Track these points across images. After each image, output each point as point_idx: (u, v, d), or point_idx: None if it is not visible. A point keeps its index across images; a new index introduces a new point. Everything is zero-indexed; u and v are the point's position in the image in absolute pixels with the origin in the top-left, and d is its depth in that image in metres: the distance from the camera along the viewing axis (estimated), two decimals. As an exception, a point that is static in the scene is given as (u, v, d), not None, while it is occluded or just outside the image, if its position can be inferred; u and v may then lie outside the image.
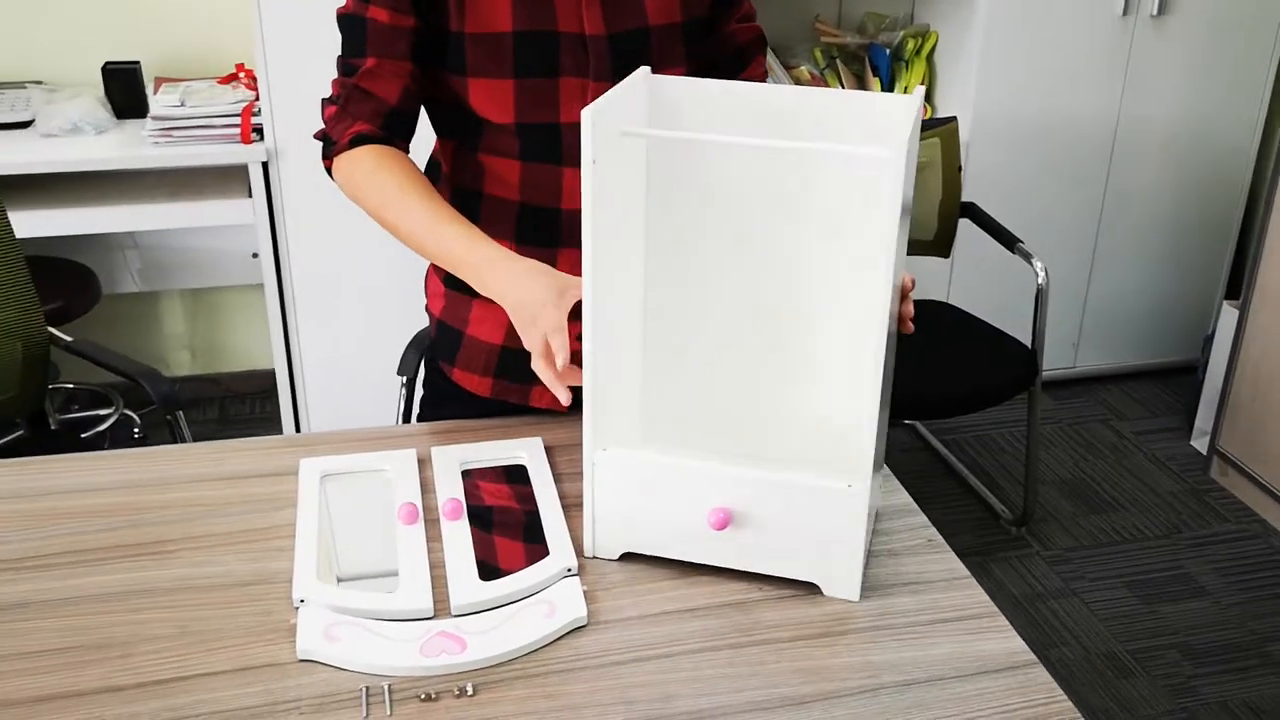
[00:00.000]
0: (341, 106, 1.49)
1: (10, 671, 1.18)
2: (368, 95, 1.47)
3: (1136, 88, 3.51)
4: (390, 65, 1.46)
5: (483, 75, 1.47)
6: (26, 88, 3.20)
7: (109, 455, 1.55)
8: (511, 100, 1.47)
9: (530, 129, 1.49)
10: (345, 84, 1.49)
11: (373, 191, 1.47)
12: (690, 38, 1.55)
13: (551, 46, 1.46)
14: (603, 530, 1.38)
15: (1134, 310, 3.83)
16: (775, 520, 1.31)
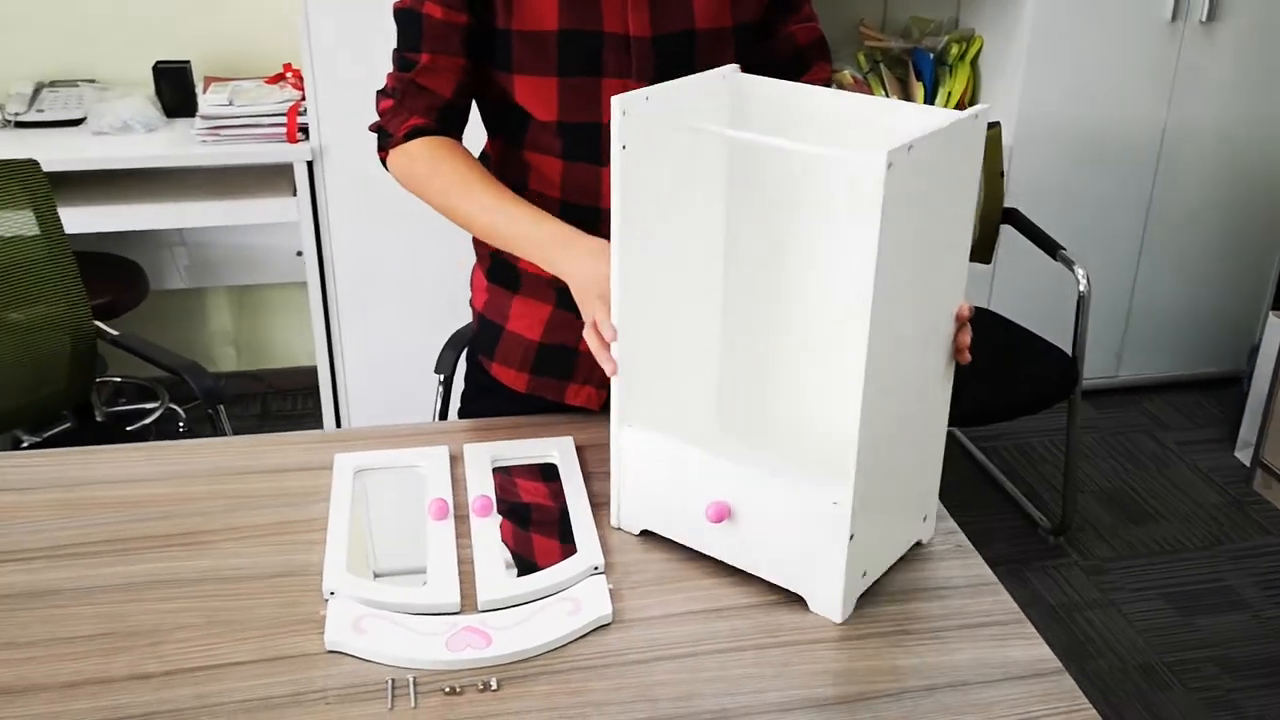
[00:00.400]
0: (398, 101, 1.52)
1: (44, 656, 1.20)
2: (423, 90, 1.51)
3: (1184, 94, 3.48)
4: (444, 60, 1.49)
5: (527, 72, 1.48)
6: (79, 86, 3.26)
7: (147, 447, 1.57)
8: (555, 98, 1.49)
9: (572, 127, 1.51)
10: (401, 79, 1.52)
11: (434, 181, 1.51)
12: (739, 43, 1.55)
13: (595, 46, 1.47)
14: (626, 503, 1.42)
15: (1178, 319, 3.80)
16: (767, 524, 1.31)
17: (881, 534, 1.32)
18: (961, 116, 1.21)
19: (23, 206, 2.20)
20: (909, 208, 1.16)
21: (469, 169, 1.50)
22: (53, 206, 2.22)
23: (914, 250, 1.20)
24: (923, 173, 1.17)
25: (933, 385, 1.32)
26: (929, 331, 1.28)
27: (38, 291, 2.24)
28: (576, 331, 1.62)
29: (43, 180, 2.20)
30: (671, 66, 1.48)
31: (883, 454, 1.26)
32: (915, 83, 3.55)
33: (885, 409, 1.23)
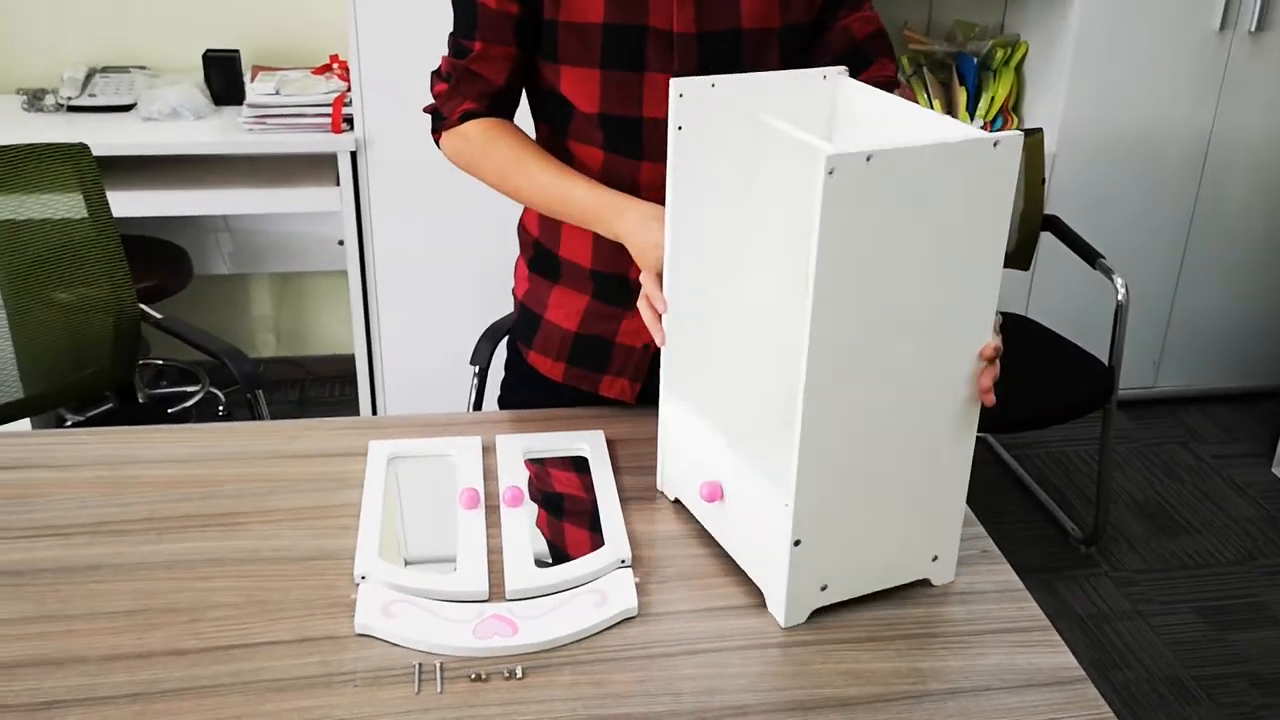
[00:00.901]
0: (452, 86, 1.57)
1: (83, 630, 1.23)
2: (477, 77, 1.55)
3: (1231, 104, 3.45)
4: (497, 49, 1.53)
5: (571, 63, 1.51)
6: (130, 72, 3.30)
7: (188, 429, 1.60)
8: (598, 90, 1.51)
9: (613, 120, 1.53)
10: (456, 65, 1.56)
11: (489, 160, 1.56)
12: (788, 44, 1.55)
13: (639, 41, 1.49)
14: (667, 469, 1.49)
15: (1219, 331, 3.77)
16: (745, 513, 1.32)
17: (853, 554, 1.29)
18: (971, 138, 1.15)
19: (72, 189, 2.23)
20: (871, 219, 1.12)
21: (522, 146, 1.55)
22: (101, 190, 2.25)
23: (890, 265, 1.15)
24: (897, 187, 1.12)
25: (941, 416, 1.27)
26: (926, 360, 1.22)
27: (84, 273, 2.27)
28: (612, 324, 1.65)
29: (92, 164, 2.24)
30: (715, 64, 1.49)
31: (848, 472, 1.23)
32: (958, 87, 3.54)
33: (843, 425, 1.21)
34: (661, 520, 1.45)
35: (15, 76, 3.34)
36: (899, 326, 1.19)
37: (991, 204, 1.18)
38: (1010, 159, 1.16)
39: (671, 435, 1.46)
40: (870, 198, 1.11)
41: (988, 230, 1.19)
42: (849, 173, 1.09)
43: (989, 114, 3.51)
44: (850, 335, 1.17)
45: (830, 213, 1.09)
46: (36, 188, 2.22)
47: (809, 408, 1.18)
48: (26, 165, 2.20)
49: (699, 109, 1.34)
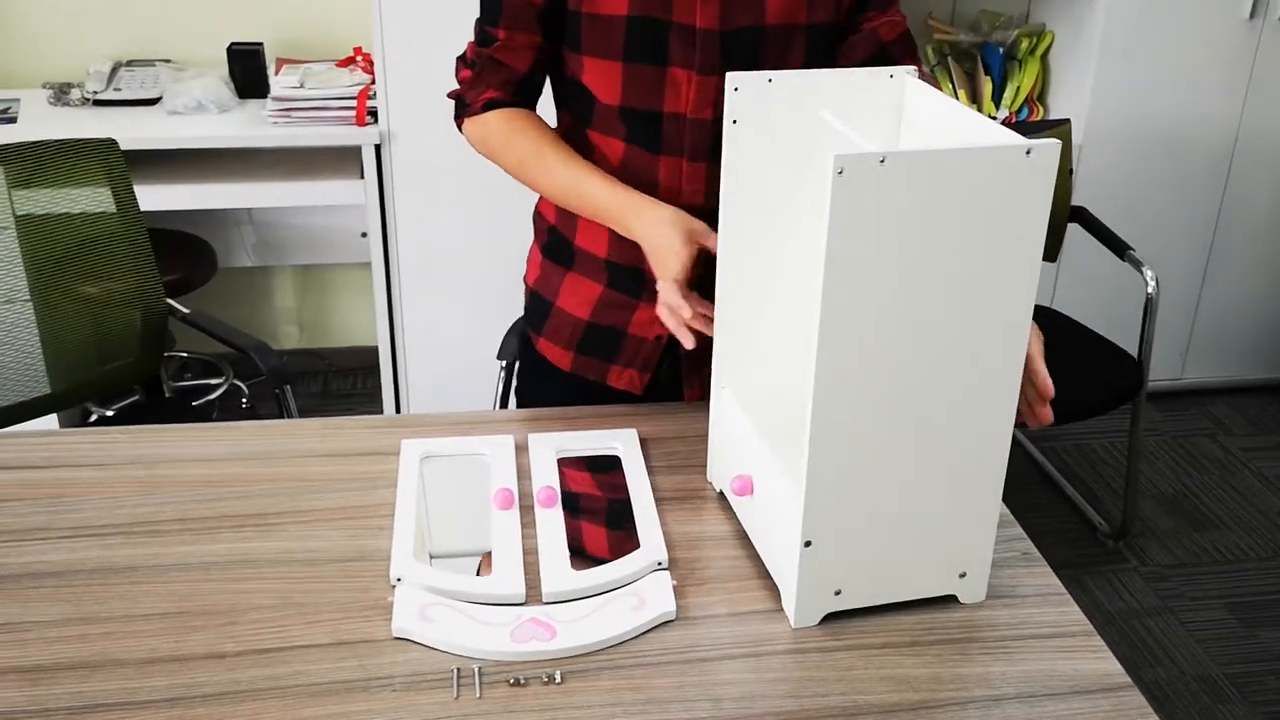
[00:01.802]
0: (476, 74, 1.58)
1: (120, 633, 1.23)
2: (500, 65, 1.56)
3: (1261, 94, 3.42)
4: (521, 38, 1.54)
5: (595, 54, 1.51)
6: (155, 65, 3.30)
7: (221, 427, 1.60)
8: (619, 82, 1.51)
9: (634, 113, 1.52)
10: (480, 53, 1.57)
11: (510, 150, 1.57)
12: (813, 42, 1.53)
13: (661, 35, 1.48)
14: (714, 462, 1.49)
15: (1247, 323, 3.74)
16: (769, 510, 1.31)
17: (868, 561, 1.27)
18: (998, 145, 1.12)
19: (100, 184, 2.23)
20: (888, 221, 1.10)
21: (542, 137, 1.55)
22: (129, 185, 2.25)
23: (909, 270, 1.13)
24: (915, 191, 1.10)
25: (969, 433, 1.23)
26: (952, 371, 1.19)
27: (112, 267, 2.27)
28: (625, 314, 1.64)
29: (120, 159, 2.23)
30: (738, 61, 1.48)
31: (864, 478, 1.21)
32: (983, 77, 3.52)
33: (857, 428, 1.19)
34: (696, 521, 1.44)
35: (41, 71, 3.34)
36: (918, 332, 1.16)
37: (1024, 211, 1.14)
38: (1047, 167, 1.12)
39: (720, 427, 1.46)
40: (884, 200, 1.09)
41: (1021, 237, 1.15)
42: (860, 174, 1.07)
43: (1014, 104, 3.49)
44: (862, 338, 1.15)
45: (840, 213, 1.08)
46: (65, 182, 2.22)
47: (819, 406, 1.16)
48: (55, 160, 2.20)
49: (755, 104, 1.33)
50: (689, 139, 1.53)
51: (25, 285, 2.21)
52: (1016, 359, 1.21)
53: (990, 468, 1.27)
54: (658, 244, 1.45)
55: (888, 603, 1.30)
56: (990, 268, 1.16)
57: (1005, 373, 1.22)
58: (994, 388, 1.22)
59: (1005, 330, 1.20)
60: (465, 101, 1.60)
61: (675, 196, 1.55)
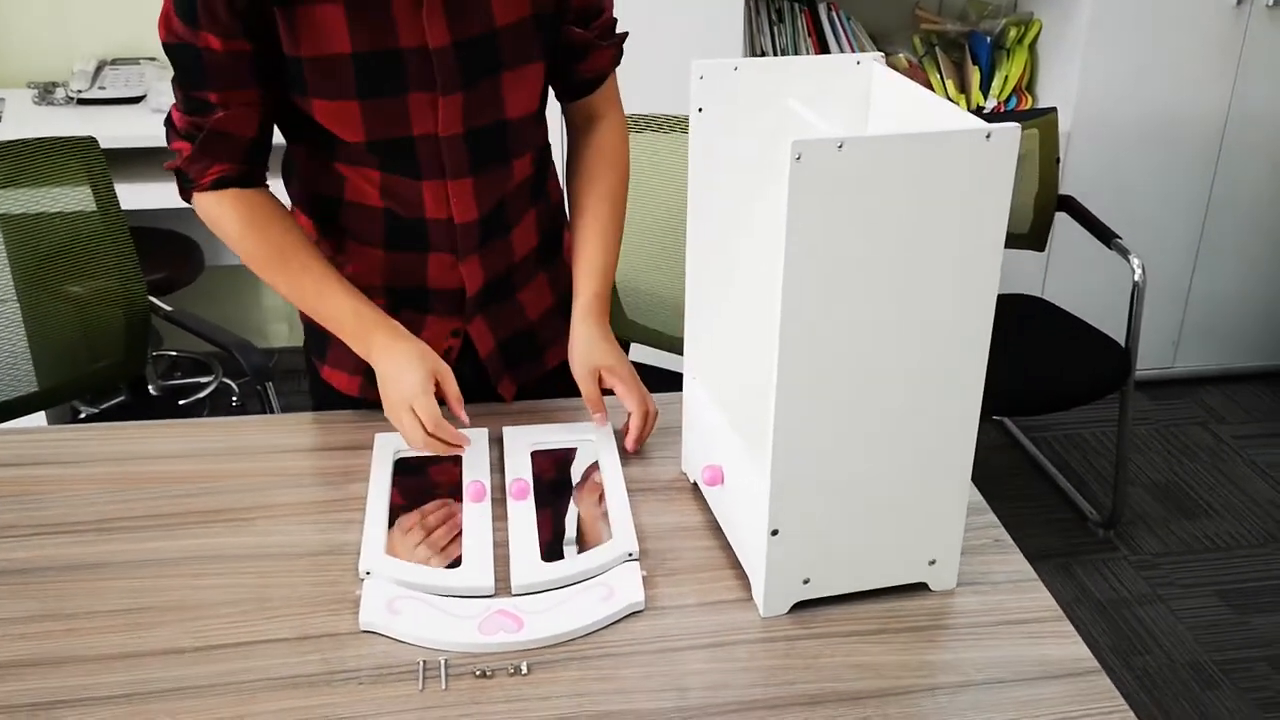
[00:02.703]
0: (198, 148, 1.41)
1: (85, 629, 1.23)
2: (224, 135, 1.40)
3: (1249, 81, 3.41)
4: (239, 96, 1.38)
5: (325, 97, 1.39)
6: (140, 64, 3.30)
7: (192, 423, 1.60)
8: (359, 120, 1.41)
9: (383, 144, 1.44)
10: (196, 123, 1.40)
11: (246, 245, 1.46)
12: (543, 32, 1.48)
13: (395, 64, 1.39)
14: (687, 452, 1.49)
15: (1238, 310, 3.73)
16: (737, 499, 1.32)
17: (835, 550, 1.27)
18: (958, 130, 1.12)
19: (81, 183, 2.22)
20: (848, 207, 1.09)
21: (284, 235, 1.46)
22: (109, 183, 2.24)
23: (870, 255, 1.13)
24: (874, 176, 1.09)
25: (936, 419, 1.23)
26: (917, 357, 1.19)
27: (95, 266, 2.27)
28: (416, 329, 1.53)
29: (100, 157, 2.23)
30: (479, 70, 1.43)
31: (829, 466, 1.21)
32: (971, 67, 3.51)
33: (820, 415, 1.19)
34: (668, 512, 1.44)
35: (26, 70, 3.33)
36: (881, 317, 1.16)
37: (986, 195, 1.14)
38: (1007, 151, 1.12)
39: (691, 418, 1.46)
40: (843, 186, 1.09)
41: (983, 222, 1.15)
42: (818, 160, 1.07)
43: (1002, 93, 3.48)
44: (825, 324, 1.14)
45: (799, 199, 1.07)
46: (46, 181, 2.21)
47: (782, 394, 1.16)
48: (35, 159, 2.20)
49: (720, 92, 1.32)
50: (447, 159, 1.46)
51: (10, 285, 2.21)
52: (982, 344, 1.21)
53: (957, 453, 1.26)
54: (397, 381, 1.41)
55: (857, 590, 1.30)
56: (952, 252, 1.16)
57: (970, 357, 1.22)
58: (959, 373, 1.22)
59: (969, 314, 1.19)
60: (189, 178, 1.44)
61: (446, 220, 1.50)
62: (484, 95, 1.45)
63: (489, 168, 1.51)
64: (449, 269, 1.55)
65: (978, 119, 1.16)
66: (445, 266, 1.55)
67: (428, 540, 1.37)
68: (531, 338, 1.68)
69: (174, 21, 1.37)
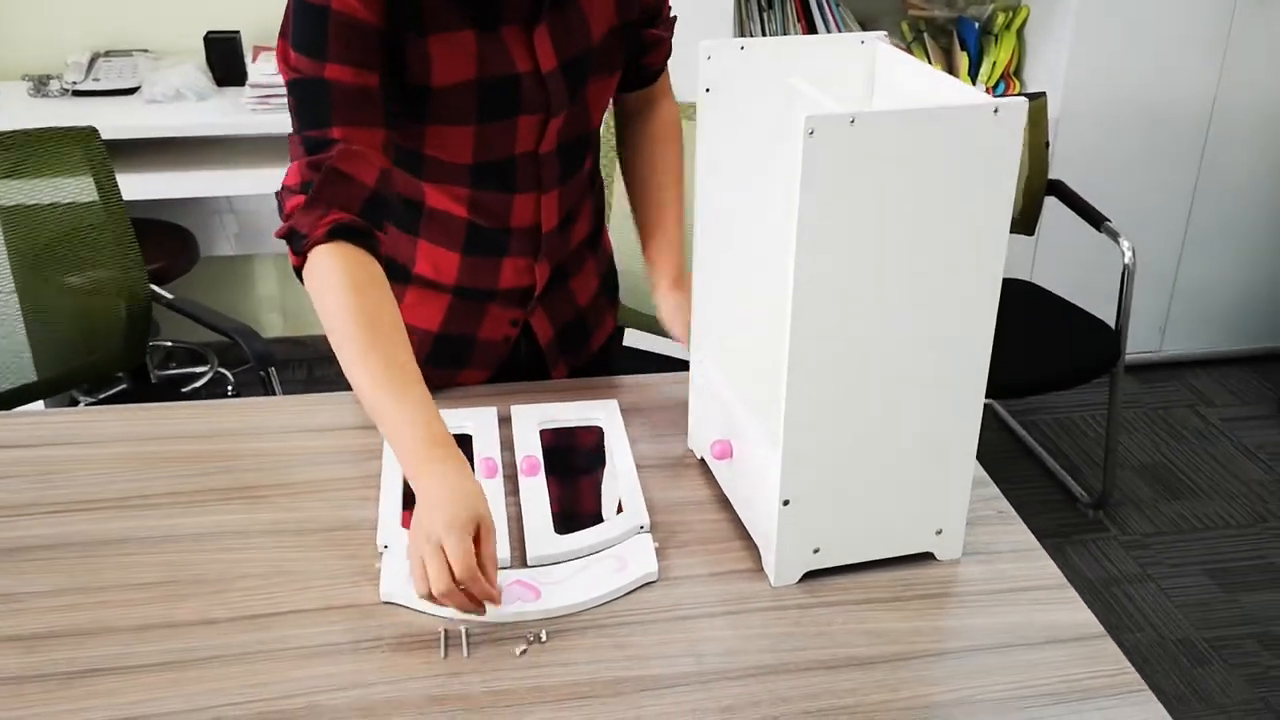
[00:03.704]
0: (314, 193, 1.28)
1: (113, 601, 1.25)
2: (344, 178, 1.29)
3: (1237, 65, 3.44)
4: (364, 135, 1.30)
5: (443, 122, 1.41)
6: (133, 55, 3.31)
7: (207, 405, 1.61)
8: (470, 144, 1.44)
9: (485, 166, 1.47)
10: (316, 164, 1.28)
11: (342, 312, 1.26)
12: (628, 41, 1.54)
13: (513, 89, 1.42)
14: (694, 429, 1.52)
15: (1225, 294, 3.77)
16: (748, 472, 1.34)
17: (847, 520, 1.29)
18: (968, 104, 1.14)
19: (82, 173, 2.24)
20: (856, 182, 1.12)
21: (380, 306, 1.28)
22: (111, 173, 2.26)
23: (882, 229, 1.15)
24: (885, 151, 1.11)
25: (943, 389, 1.26)
26: (926, 329, 1.22)
27: (96, 256, 2.28)
28: (476, 319, 1.60)
29: (101, 147, 2.24)
30: (578, 86, 1.47)
31: (840, 437, 1.24)
32: (959, 52, 3.54)
33: (831, 387, 1.21)
34: (677, 487, 1.46)
35: (20, 63, 3.34)
36: (891, 290, 1.19)
37: (994, 170, 1.16)
38: (1013, 126, 1.15)
39: (700, 395, 1.48)
40: (855, 160, 1.11)
41: (990, 196, 1.18)
42: (831, 134, 1.09)
43: (991, 79, 3.51)
44: (836, 298, 1.17)
45: (811, 174, 1.10)
46: (46, 172, 2.22)
47: (794, 366, 1.19)
48: (36, 150, 2.21)
49: (728, 72, 1.34)
50: (544, 173, 1.51)
51: (9, 276, 2.22)
52: (989, 316, 1.24)
53: (965, 423, 1.29)
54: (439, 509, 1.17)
55: (866, 560, 1.33)
56: (961, 225, 1.18)
57: (977, 329, 1.24)
58: (966, 344, 1.25)
59: (977, 286, 1.22)
60: (301, 234, 1.28)
61: (532, 228, 1.54)
62: (579, 110, 1.50)
63: (573, 175, 1.56)
64: (523, 271, 1.59)
65: (984, 94, 1.18)
66: (520, 269, 1.59)
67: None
68: (582, 323, 1.71)
69: (293, 56, 1.30)
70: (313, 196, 1.28)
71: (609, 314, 1.77)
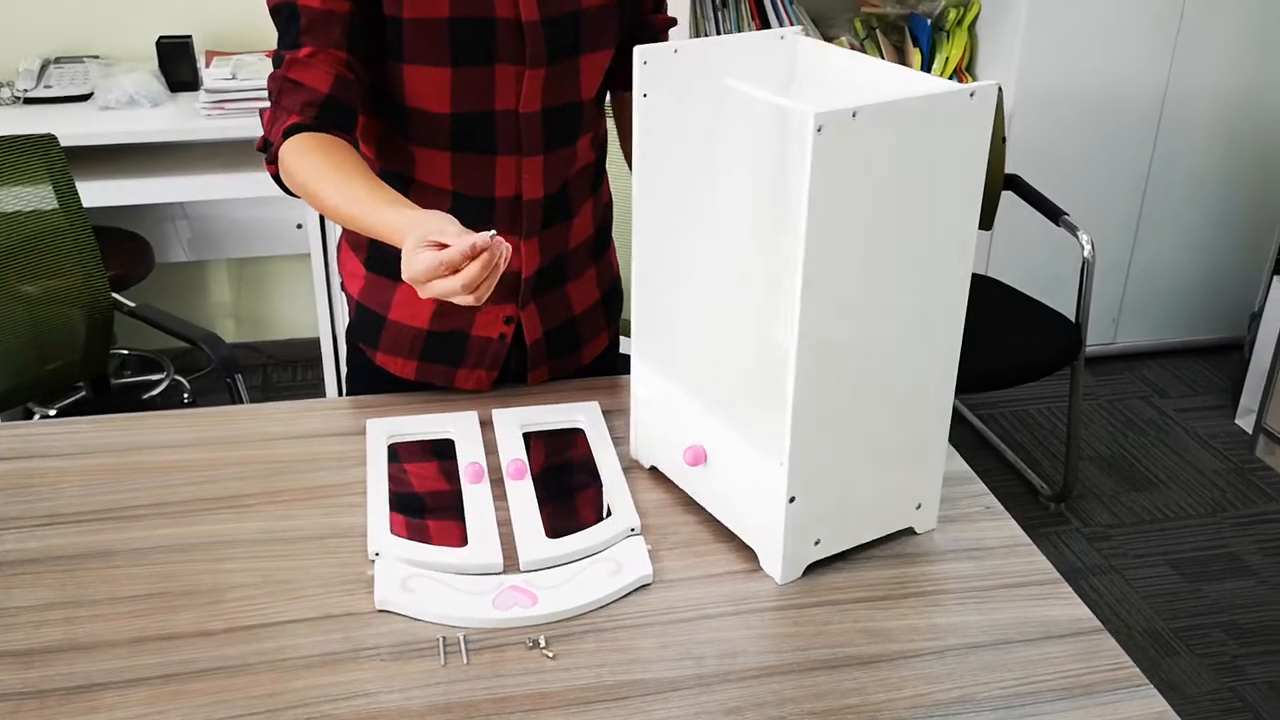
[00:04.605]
0: (275, 101, 1.41)
1: (108, 614, 1.22)
2: (298, 86, 1.39)
3: (1187, 56, 3.49)
4: (327, 55, 1.39)
5: (420, 62, 1.43)
6: (84, 62, 3.25)
7: (186, 414, 1.59)
8: (448, 89, 1.45)
9: (463, 118, 1.48)
10: (276, 77, 1.41)
11: (303, 169, 1.36)
12: (623, 17, 1.55)
13: (488, 33, 1.43)
14: (639, 438, 1.49)
15: (1177, 286, 3.83)
16: (730, 475, 1.34)
17: (842, 507, 1.31)
18: (947, 91, 1.18)
19: (42, 181, 2.20)
20: (857, 174, 1.14)
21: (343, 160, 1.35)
22: (70, 180, 2.22)
23: (874, 219, 1.17)
24: (881, 141, 1.14)
25: (923, 367, 1.29)
26: (910, 309, 1.25)
27: (57, 264, 2.24)
28: (467, 315, 1.60)
29: (61, 154, 2.20)
30: (561, 49, 1.47)
31: (840, 424, 1.25)
32: (912, 49, 3.57)
33: (833, 377, 1.22)
34: (662, 489, 1.45)
35: (-33, 69, 3.28)
36: (884, 274, 1.21)
37: (969, 152, 1.22)
38: (985, 108, 1.20)
39: (648, 402, 1.46)
40: (857, 152, 1.13)
41: (966, 179, 1.23)
42: (837, 130, 1.10)
43: (943, 75, 3.54)
44: (838, 291, 1.18)
45: (820, 169, 1.11)
46: (5, 181, 2.18)
47: (802, 366, 1.19)
48: (-8, 157, 2.17)
49: (662, 76, 1.33)
50: (524, 135, 1.50)
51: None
52: (964, 296, 1.29)
53: (941, 395, 1.33)
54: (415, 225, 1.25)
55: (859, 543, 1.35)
56: (942, 210, 1.22)
57: (955, 309, 1.29)
58: (946, 324, 1.29)
59: (955, 261, 1.26)
60: (270, 141, 1.41)
61: (514, 197, 1.54)
62: (563, 74, 1.50)
63: (559, 147, 1.55)
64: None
65: (927, 75, 1.26)
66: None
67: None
68: (574, 331, 1.70)
69: None
70: (274, 106, 1.41)
71: (605, 331, 1.75)
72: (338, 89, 1.40)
